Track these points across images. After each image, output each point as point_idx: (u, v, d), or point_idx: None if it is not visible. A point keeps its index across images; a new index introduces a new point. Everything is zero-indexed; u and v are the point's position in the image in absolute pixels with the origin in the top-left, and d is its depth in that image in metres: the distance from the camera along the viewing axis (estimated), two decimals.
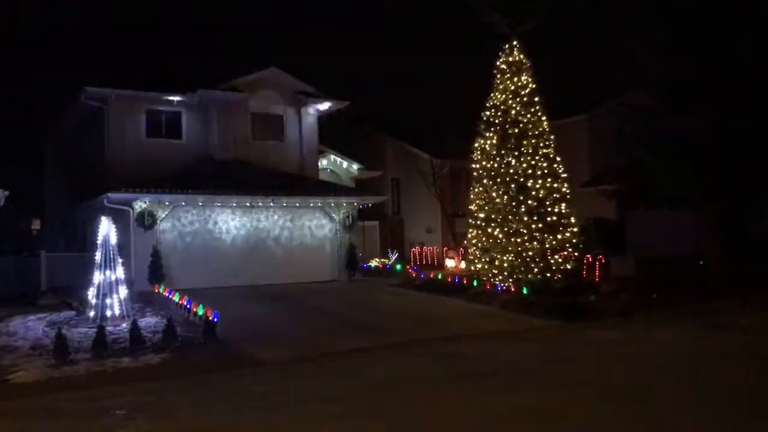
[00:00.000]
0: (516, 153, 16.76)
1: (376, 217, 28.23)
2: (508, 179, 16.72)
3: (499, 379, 8.86)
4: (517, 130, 16.87)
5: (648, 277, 17.53)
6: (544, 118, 17.13)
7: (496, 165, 17.01)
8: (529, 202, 16.40)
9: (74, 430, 7.10)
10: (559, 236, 16.45)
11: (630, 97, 22.00)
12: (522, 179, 16.55)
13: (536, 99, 17.15)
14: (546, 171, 16.68)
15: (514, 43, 17.46)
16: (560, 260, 16.42)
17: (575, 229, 16.83)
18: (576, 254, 16.88)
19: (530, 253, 16.30)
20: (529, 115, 16.96)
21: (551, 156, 16.91)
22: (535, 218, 16.35)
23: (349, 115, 26.60)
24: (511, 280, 16.39)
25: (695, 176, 18.86)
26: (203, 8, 46.95)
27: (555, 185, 16.72)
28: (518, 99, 17.08)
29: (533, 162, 16.64)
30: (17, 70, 37.47)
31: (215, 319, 11.67)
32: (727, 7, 18.63)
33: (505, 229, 16.62)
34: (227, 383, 8.99)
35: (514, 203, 16.54)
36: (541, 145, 16.86)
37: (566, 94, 24.99)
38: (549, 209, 16.50)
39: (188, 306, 13.53)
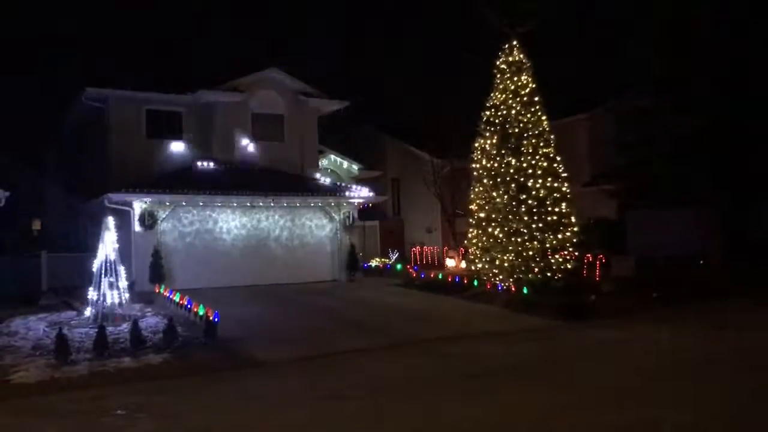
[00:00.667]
0: (516, 152, 16.75)
1: (376, 217, 28.24)
2: (508, 179, 16.71)
3: (500, 379, 8.88)
4: (517, 130, 16.87)
5: (648, 277, 17.53)
6: (544, 117, 17.13)
7: (496, 164, 17.01)
8: (530, 201, 16.39)
9: (75, 430, 7.11)
10: (559, 236, 16.44)
11: (630, 97, 22.03)
12: (522, 179, 16.55)
13: (536, 98, 17.14)
14: (546, 170, 16.67)
15: (514, 42, 17.46)
16: (561, 260, 16.42)
17: (575, 229, 16.83)
18: (576, 254, 16.88)
19: (530, 253, 16.29)
20: (529, 115, 16.95)
21: (551, 155, 16.91)
22: (535, 218, 16.35)
23: (349, 115, 26.60)
24: (511, 279, 16.39)
25: (695, 176, 18.89)
26: (203, 8, 46.95)
27: (555, 185, 16.71)
28: (518, 99, 17.07)
29: (533, 161, 16.64)
30: (18, 71, 37.45)
31: (216, 320, 11.67)
32: (726, 7, 18.66)
33: (506, 228, 16.62)
34: (228, 383, 9.01)
35: (514, 203, 16.53)
36: (542, 144, 16.86)
37: (566, 93, 24.97)
38: (549, 209, 16.49)
39: (189, 306, 13.53)
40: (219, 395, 8.35)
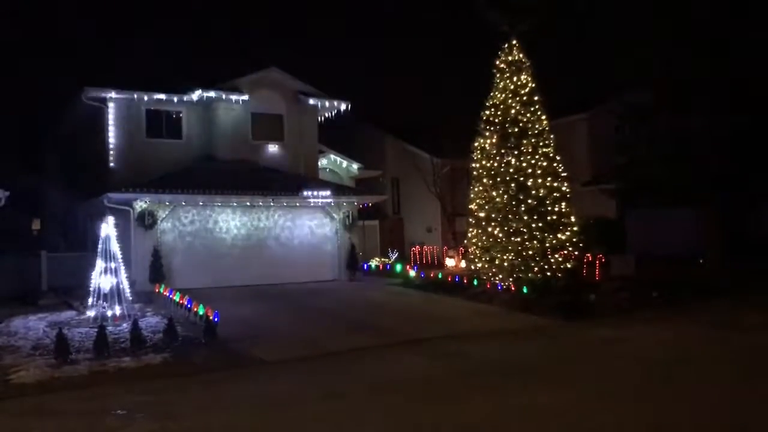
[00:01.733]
0: (516, 152, 16.76)
1: (376, 217, 28.26)
2: (508, 178, 16.72)
3: (500, 378, 8.88)
4: (516, 129, 16.88)
5: (648, 276, 17.54)
6: (543, 117, 17.14)
7: (495, 164, 17.02)
8: (529, 201, 16.40)
9: (75, 430, 7.11)
10: (559, 235, 16.45)
11: (630, 96, 22.01)
12: (522, 178, 16.56)
13: (536, 98, 17.15)
14: (546, 170, 16.68)
15: (514, 42, 17.47)
16: (560, 259, 16.43)
17: (575, 228, 16.84)
18: (576, 253, 16.89)
19: (530, 252, 16.30)
20: (528, 114, 16.97)
21: (551, 155, 16.92)
22: (535, 217, 16.36)
23: (348, 114, 26.61)
24: (511, 279, 16.40)
25: (694, 176, 18.86)
26: (203, 8, 46.97)
27: (555, 184, 16.72)
28: (518, 98, 17.08)
29: (533, 161, 16.64)
30: (17, 70, 37.46)
31: (216, 319, 11.67)
32: (726, 7, 18.63)
33: (505, 228, 16.63)
34: (228, 383, 9.01)
35: (514, 202, 16.55)
36: (541, 144, 16.87)
37: (566, 93, 25.00)
38: (549, 208, 16.50)
39: (189, 306, 13.51)
40: (219, 395, 8.35)
